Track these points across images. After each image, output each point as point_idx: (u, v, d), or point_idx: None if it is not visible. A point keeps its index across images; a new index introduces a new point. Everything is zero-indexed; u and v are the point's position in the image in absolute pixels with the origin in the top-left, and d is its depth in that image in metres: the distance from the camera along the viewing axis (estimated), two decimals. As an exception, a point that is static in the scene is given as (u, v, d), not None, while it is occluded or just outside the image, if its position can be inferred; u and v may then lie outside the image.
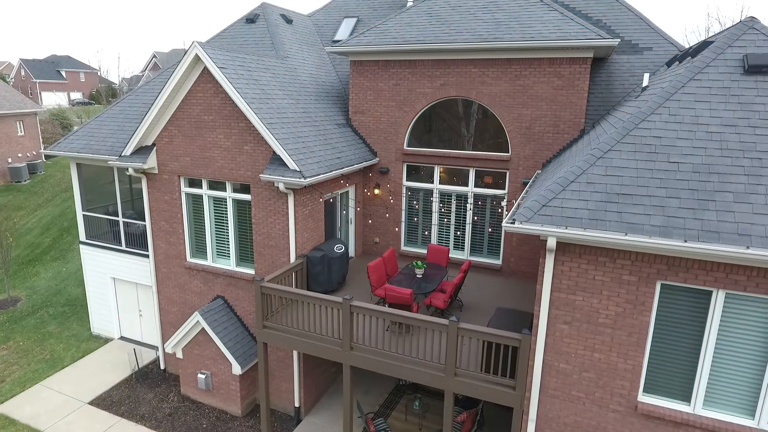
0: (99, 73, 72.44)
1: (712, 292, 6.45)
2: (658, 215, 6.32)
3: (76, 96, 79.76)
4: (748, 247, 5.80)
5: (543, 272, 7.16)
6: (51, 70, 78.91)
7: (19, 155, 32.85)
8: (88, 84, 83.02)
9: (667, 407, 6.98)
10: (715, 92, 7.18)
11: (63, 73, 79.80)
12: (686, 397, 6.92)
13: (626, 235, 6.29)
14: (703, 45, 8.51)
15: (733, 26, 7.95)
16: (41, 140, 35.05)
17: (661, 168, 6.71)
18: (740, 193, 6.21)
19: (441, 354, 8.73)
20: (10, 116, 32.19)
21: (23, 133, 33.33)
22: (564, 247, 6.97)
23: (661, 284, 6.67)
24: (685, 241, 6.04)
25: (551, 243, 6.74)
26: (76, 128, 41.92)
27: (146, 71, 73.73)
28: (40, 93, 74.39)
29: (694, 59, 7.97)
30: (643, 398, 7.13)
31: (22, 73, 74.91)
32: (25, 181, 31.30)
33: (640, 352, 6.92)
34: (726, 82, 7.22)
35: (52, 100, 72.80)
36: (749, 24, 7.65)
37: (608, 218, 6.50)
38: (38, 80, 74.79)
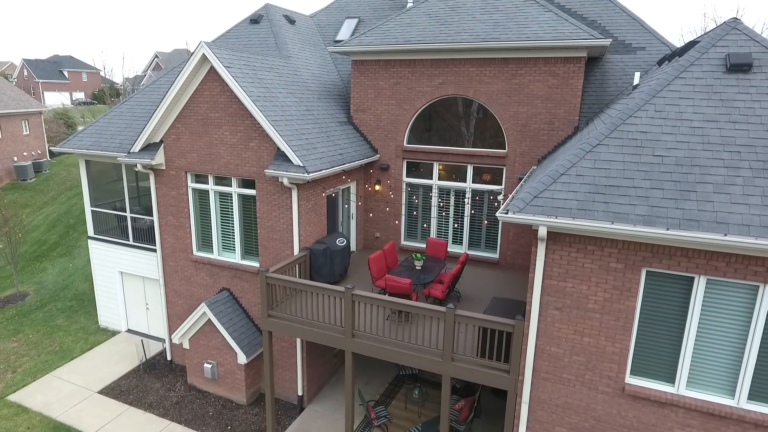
0: (103, 73, 72.77)
1: (694, 278, 6.83)
2: (643, 205, 6.71)
3: (79, 96, 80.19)
4: (725, 235, 6.18)
5: (535, 260, 7.54)
6: (53, 70, 79.30)
7: (25, 154, 33.28)
8: (91, 84, 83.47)
9: (652, 388, 7.36)
10: (699, 90, 7.56)
11: (65, 73, 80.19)
12: (670, 378, 7.30)
13: (612, 223, 6.67)
14: (690, 45, 8.89)
15: (717, 27, 8.33)
16: (46, 139, 35.48)
17: (646, 161, 7.09)
18: (719, 184, 6.59)
19: (439, 340, 9.12)
20: (16, 115, 32.62)
21: (28, 132, 33.77)
22: (555, 237, 7.35)
23: (647, 271, 7.05)
24: (668, 229, 6.42)
25: (542, 232, 7.13)
26: (80, 128, 42.33)
27: (148, 71, 74.22)
28: (43, 93, 74.73)
29: (680, 58, 8.35)
30: (630, 380, 7.51)
31: (25, 73, 75.26)
32: (30, 179, 31.72)
33: (627, 335, 7.30)
34: (709, 80, 7.60)
35: (57, 99, 73.36)
36: (732, 25, 8.02)
37: (596, 208, 6.88)
38: (41, 80, 75.15)
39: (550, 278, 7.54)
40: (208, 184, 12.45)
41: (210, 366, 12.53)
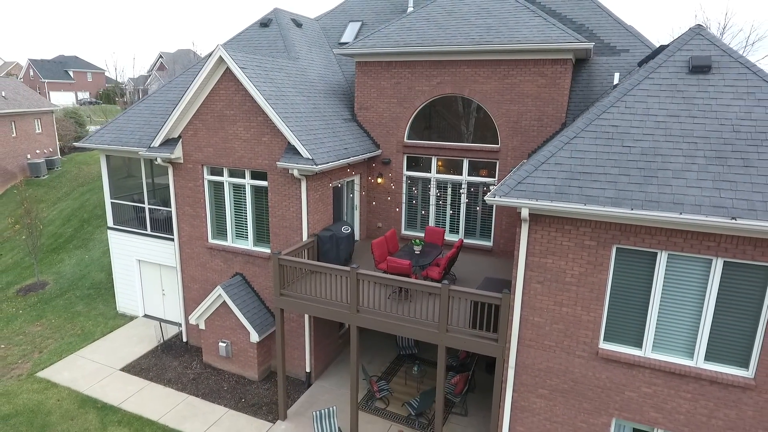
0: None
1: (657, 253, 7.80)
2: (611, 189, 7.69)
3: (84, 96, 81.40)
4: (681, 213, 7.16)
5: (519, 239, 8.53)
6: (59, 70, 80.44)
7: (37, 151, 34.36)
8: (95, 84, 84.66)
9: (622, 352, 8.34)
10: (664, 88, 8.54)
11: (71, 73, 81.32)
12: (638, 343, 8.28)
13: (585, 205, 7.66)
14: (661, 48, 9.87)
15: (684, 33, 9.30)
16: (57, 137, 36.54)
17: (616, 151, 8.07)
18: (678, 171, 7.58)
19: (435, 314, 10.08)
20: (29, 114, 33.71)
21: (41, 130, 34.85)
22: (536, 218, 8.33)
23: (616, 248, 8.03)
24: (632, 209, 7.40)
25: (525, 213, 8.12)
26: (90, 127, 43.35)
27: (153, 71, 75.32)
28: (49, 93, 75.84)
29: (652, 61, 9.32)
30: (603, 345, 8.49)
31: (31, 74, 76.37)
32: (43, 176, 32.79)
33: (600, 305, 8.28)
34: (673, 80, 8.58)
35: (69, 99, 75.02)
36: (696, 31, 9.00)
37: (571, 192, 7.86)
38: (46, 80, 76.26)
39: (532, 255, 8.52)
40: (223, 176, 13.45)
41: (224, 345, 13.53)
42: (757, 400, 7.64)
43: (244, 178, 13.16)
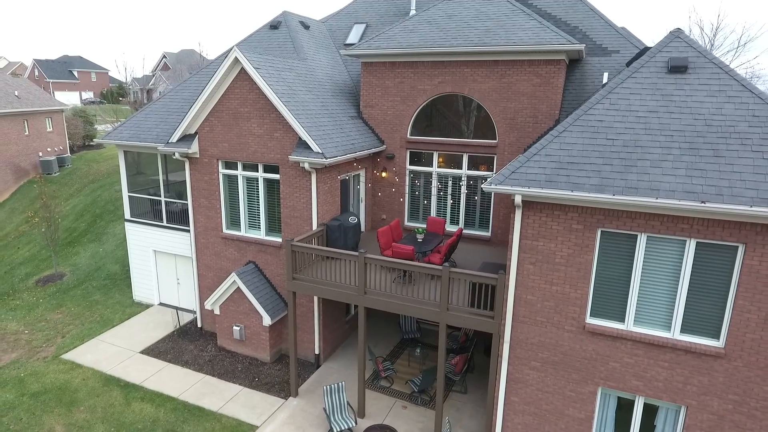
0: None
1: (637, 235, 8.64)
2: (596, 177, 8.53)
3: (88, 95, 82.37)
4: (657, 198, 8.00)
5: (513, 224, 9.37)
6: (63, 70, 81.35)
7: (48, 149, 35.24)
8: (99, 84, 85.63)
9: (607, 326, 9.18)
10: (645, 87, 9.38)
11: (75, 73, 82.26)
12: (621, 317, 9.12)
13: (572, 192, 8.50)
14: (644, 50, 10.70)
15: (665, 36, 10.13)
16: (67, 136, 37.42)
17: (600, 143, 8.92)
18: (655, 161, 8.42)
19: (437, 295, 10.94)
20: (41, 113, 34.60)
21: (51, 129, 35.74)
22: (528, 204, 9.18)
23: (601, 231, 8.87)
24: (613, 195, 8.24)
25: (518, 200, 8.96)
26: (98, 126, 44.14)
27: (157, 71, 76.25)
28: (53, 92, 76.71)
29: (636, 61, 10.16)
30: (590, 320, 9.33)
31: (36, 73, 77.24)
32: (55, 173, 33.67)
33: (587, 284, 9.12)
34: (654, 79, 9.42)
35: (74, 99, 76.30)
36: (675, 34, 9.84)
37: (560, 180, 8.71)
38: (51, 80, 77.15)
39: (525, 238, 9.37)
40: (237, 170, 14.31)
41: (238, 329, 14.38)
42: (727, 367, 8.48)
43: (257, 171, 14.01)
